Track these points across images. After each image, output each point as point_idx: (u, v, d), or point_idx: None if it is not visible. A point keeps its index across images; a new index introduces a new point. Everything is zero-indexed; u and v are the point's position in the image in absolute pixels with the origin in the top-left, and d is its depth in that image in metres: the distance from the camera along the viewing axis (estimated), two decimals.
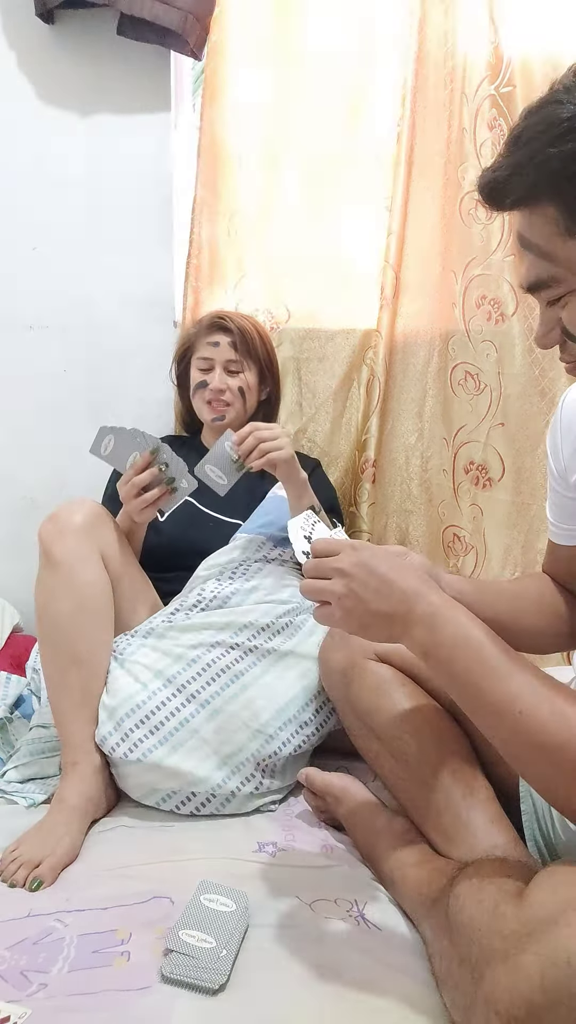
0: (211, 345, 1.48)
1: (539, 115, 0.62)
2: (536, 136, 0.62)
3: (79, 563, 1.13)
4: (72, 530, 1.14)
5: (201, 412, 1.52)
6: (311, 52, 1.64)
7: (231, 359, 1.48)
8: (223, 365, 1.48)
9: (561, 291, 0.67)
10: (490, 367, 1.62)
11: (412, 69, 1.58)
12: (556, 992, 0.54)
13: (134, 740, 1.08)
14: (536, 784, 0.69)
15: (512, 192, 0.65)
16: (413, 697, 0.98)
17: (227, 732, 1.09)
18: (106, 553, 1.17)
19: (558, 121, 0.60)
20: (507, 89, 1.52)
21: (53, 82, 1.68)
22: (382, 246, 1.65)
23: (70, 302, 1.75)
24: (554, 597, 0.98)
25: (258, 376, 1.52)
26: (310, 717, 1.16)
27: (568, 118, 0.59)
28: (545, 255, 0.65)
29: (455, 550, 1.72)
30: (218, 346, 1.47)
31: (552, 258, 0.65)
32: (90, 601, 1.13)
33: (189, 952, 0.75)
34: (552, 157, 0.61)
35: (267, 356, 1.53)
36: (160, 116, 1.69)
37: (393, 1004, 0.72)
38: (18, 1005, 0.72)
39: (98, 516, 1.18)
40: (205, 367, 1.49)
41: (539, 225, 0.64)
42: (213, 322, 1.49)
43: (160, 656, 1.16)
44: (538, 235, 0.65)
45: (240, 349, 1.47)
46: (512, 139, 0.64)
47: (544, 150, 0.61)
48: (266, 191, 1.68)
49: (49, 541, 1.13)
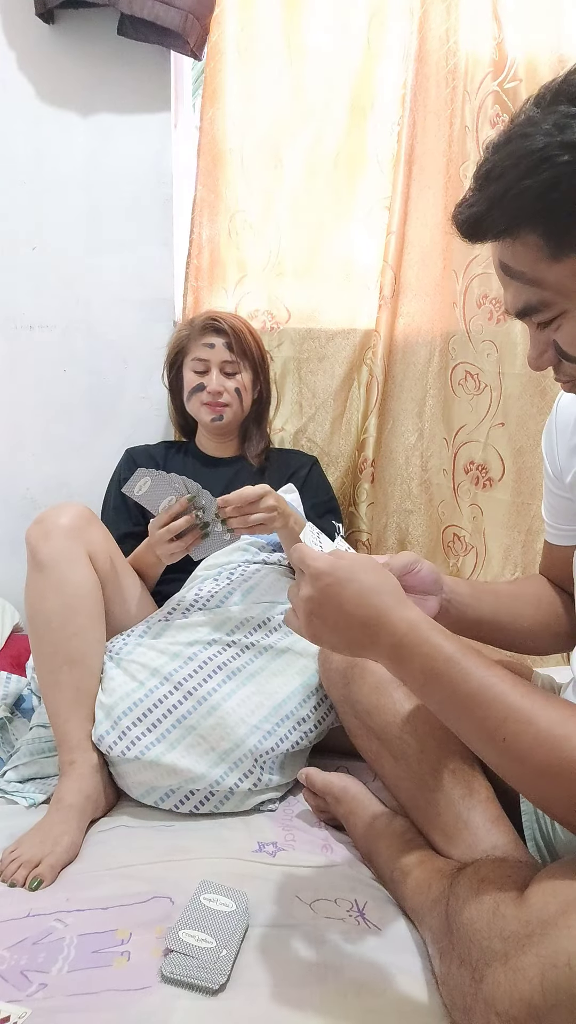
0: (206, 347, 1.47)
1: (507, 149, 0.63)
2: (508, 169, 0.63)
3: (66, 564, 1.13)
4: (58, 531, 1.14)
5: (198, 414, 1.51)
6: (311, 52, 1.64)
7: (227, 360, 1.47)
8: (219, 366, 1.47)
9: (553, 313, 0.67)
10: (490, 367, 1.62)
11: (412, 68, 1.59)
12: (556, 994, 0.54)
13: (132, 738, 1.08)
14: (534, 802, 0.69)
15: (493, 225, 0.66)
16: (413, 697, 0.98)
17: (224, 728, 1.09)
18: (93, 553, 1.17)
19: (529, 153, 0.61)
20: (512, 84, 1.51)
21: (53, 82, 1.68)
22: (382, 246, 1.65)
23: (70, 302, 1.75)
24: (552, 598, 0.98)
25: (252, 376, 1.52)
26: (308, 714, 1.16)
27: (540, 148, 0.60)
28: (532, 281, 0.66)
29: (455, 550, 1.72)
30: (213, 347, 1.47)
31: (540, 283, 0.66)
32: (79, 601, 1.14)
33: (189, 952, 0.75)
34: (528, 188, 0.61)
35: (260, 356, 1.53)
36: (160, 116, 1.69)
37: (393, 1004, 0.72)
38: (18, 1005, 0.72)
39: (84, 517, 1.19)
40: (201, 369, 1.48)
41: (523, 253, 0.65)
42: (207, 324, 1.48)
43: (157, 654, 1.16)
44: (523, 263, 0.66)
45: (236, 350, 1.47)
46: (483, 174, 0.65)
47: (519, 182, 0.62)
48: (266, 191, 1.68)
49: (36, 543, 1.13)
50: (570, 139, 0.59)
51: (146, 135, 1.70)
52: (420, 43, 1.58)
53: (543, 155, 0.60)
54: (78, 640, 1.13)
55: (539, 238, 0.63)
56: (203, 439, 1.58)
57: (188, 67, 1.77)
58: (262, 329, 1.71)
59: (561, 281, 0.64)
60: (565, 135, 0.59)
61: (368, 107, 1.65)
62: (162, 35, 1.56)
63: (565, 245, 0.62)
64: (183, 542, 1.20)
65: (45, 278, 1.74)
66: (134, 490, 1.19)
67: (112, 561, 1.22)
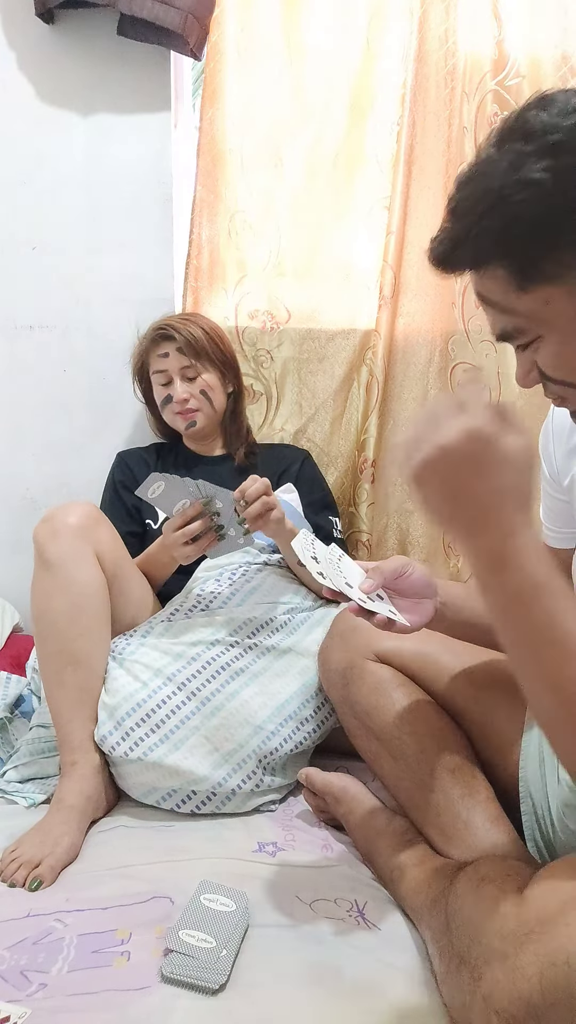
0: (161, 357, 1.44)
1: (469, 188, 0.65)
2: (470, 209, 0.64)
3: (74, 563, 1.13)
4: (66, 531, 1.14)
5: (174, 423, 1.49)
6: (311, 52, 1.64)
7: (184, 365, 1.43)
8: (179, 373, 1.44)
9: (529, 338, 0.69)
10: (490, 367, 1.62)
11: (412, 68, 1.58)
12: (555, 992, 0.54)
13: (135, 739, 1.08)
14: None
15: (460, 262, 0.68)
16: (412, 697, 0.98)
17: (227, 729, 1.09)
18: (101, 553, 1.17)
19: (486, 192, 0.62)
20: (514, 81, 1.51)
21: (53, 82, 1.68)
22: (382, 246, 1.65)
23: (70, 302, 1.75)
24: None
25: (219, 373, 1.48)
26: (310, 714, 1.16)
27: (497, 189, 0.62)
28: (505, 310, 0.67)
29: (455, 550, 1.72)
30: (167, 356, 1.43)
31: (512, 312, 0.67)
32: (85, 600, 1.13)
33: (189, 952, 0.76)
34: (488, 228, 0.63)
35: (220, 352, 1.48)
36: (160, 116, 1.69)
37: (393, 1004, 0.72)
38: (18, 1005, 0.72)
39: (92, 517, 1.18)
40: (163, 380, 1.46)
41: (492, 285, 0.66)
42: (156, 334, 1.45)
43: (159, 655, 1.16)
44: (494, 293, 0.67)
45: (189, 352, 1.42)
46: (450, 210, 0.67)
47: (479, 222, 0.63)
48: (266, 191, 1.68)
49: (43, 542, 1.13)
50: (525, 177, 0.60)
51: (146, 135, 1.70)
52: (420, 43, 1.58)
53: (500, 194, 0.62)
54: (83, 640, 1.13)
55: (505, 272, 0.64)
56: (188, 441, 1.57)
57: (188, 67, 1.77)
58: (262, 329, 1.71)
59: (532, 310, 0.66)
60: (520, 174, 0.61)
61: (368, 107, 1.65)
62: (162, 35, 1.56)
63: (530, 276, 0.64)
64: (198, 545, 1.20)
65: (45, 278, 1.74)
66: (148, 492, 1.18)
67: (119, 561, 1.22)
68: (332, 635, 1.11)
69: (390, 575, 0.85)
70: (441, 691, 0.99)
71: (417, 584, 0.87)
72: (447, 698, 0.98)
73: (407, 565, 0.87)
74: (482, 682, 0.98)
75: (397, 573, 0.86)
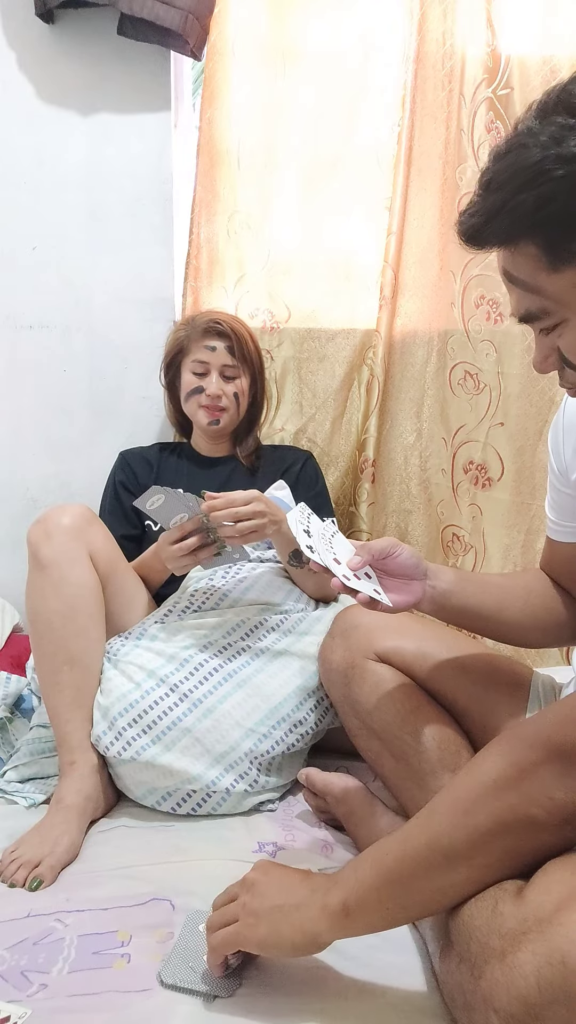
0: (207, 349, 1.45)
1: (506, 160, 0.63)
2: (506, 182, 0.63)
3: (68, 564, 1.13)
4: (60, 532, 1.14)
5: (195, 416, 1.49)
6: (311, 52, 1.64)
7: (228, 364, 1.45)
8: (219, 370, 1.45)
9: (554, 321, 0.68)
10: (489, 367, 1.63)
11: (412, 70, 1.59)
12: (552, 991, 0.54)
13: (127, 739, 1.08)
14: None
15: (492, 236, 0.66)
16: (413, 697, 0.98)
17: (219, 731, 1.09)
18: (94, 554, 1.17)
19: (526, 166, 0.61)
20: (505, 91, 1.52)
21: (53, 82, 1.68)
22: (382, 246, 1.65)
23: (70, 302, 1.75)
24: (544, 592, 0.98)
25: (250, 381, 1.50)
26: (304, 716, 1.16)
27: (536, 162, 0.60)
28: (532, 290, 0.66)
29: (454, 550, 1.72)
30: (215, 351, 1.45)
31: (540, 292, 0.66)
32: (80, 601, 1.14)
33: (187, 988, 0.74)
34: (524, 202, 0.62)
35: (259, 361, 1.51)
36: (160, 116, 1.69)
37: (393, 1004, 0.72)
38: (18, 1005, 0.72)
39: (86, 518, 1.18)
40: (201, 371, 1.46)
41: (523, 263, 0.65)
42: (209, 326, 1.45)
43: (153, 656, 1.16)
44: (523, 272, 0.66)
45: (237, 354, 1.45)
46: (484, 184, 0.65)
47: (516, 196, 0.62)
48: (266, 191, 1.68)
49: (37, 543, 1.13)
50: (566, 152, 0.59)
51: (146, 135, 1.70)
52: (419, 44, 1.58)
53: (539, 168, 0.60)
54: (79, 640, 1.13)
55: (537, 249, 0.63)
56: (198, 439, 1.57)
57: (188, 67, 1.76)
58: (262, 329, 1.71)
59: (560, 291, 0.65)
60: (561, 148, 0.59)
61: (368, 108, 1.65)
62: (162, 35, 1.56)
63: (563, 257, 0.63)
64: (194, 557, 1.19)
65: (45, 278, 1.74)
66: (147, 504, 1.18)
67: (113, 562, 1.22)
68: (333, 634, 1.11)
69: (377, 554, 0.87)
70: (442, 690, 0.99)
71: (405, 565, 0.89)
72: (448, 697, 0.98)
73: (395, 546, 0.88)
74: (483, 681, 0.98)
75: (384, 553, 0.88)
